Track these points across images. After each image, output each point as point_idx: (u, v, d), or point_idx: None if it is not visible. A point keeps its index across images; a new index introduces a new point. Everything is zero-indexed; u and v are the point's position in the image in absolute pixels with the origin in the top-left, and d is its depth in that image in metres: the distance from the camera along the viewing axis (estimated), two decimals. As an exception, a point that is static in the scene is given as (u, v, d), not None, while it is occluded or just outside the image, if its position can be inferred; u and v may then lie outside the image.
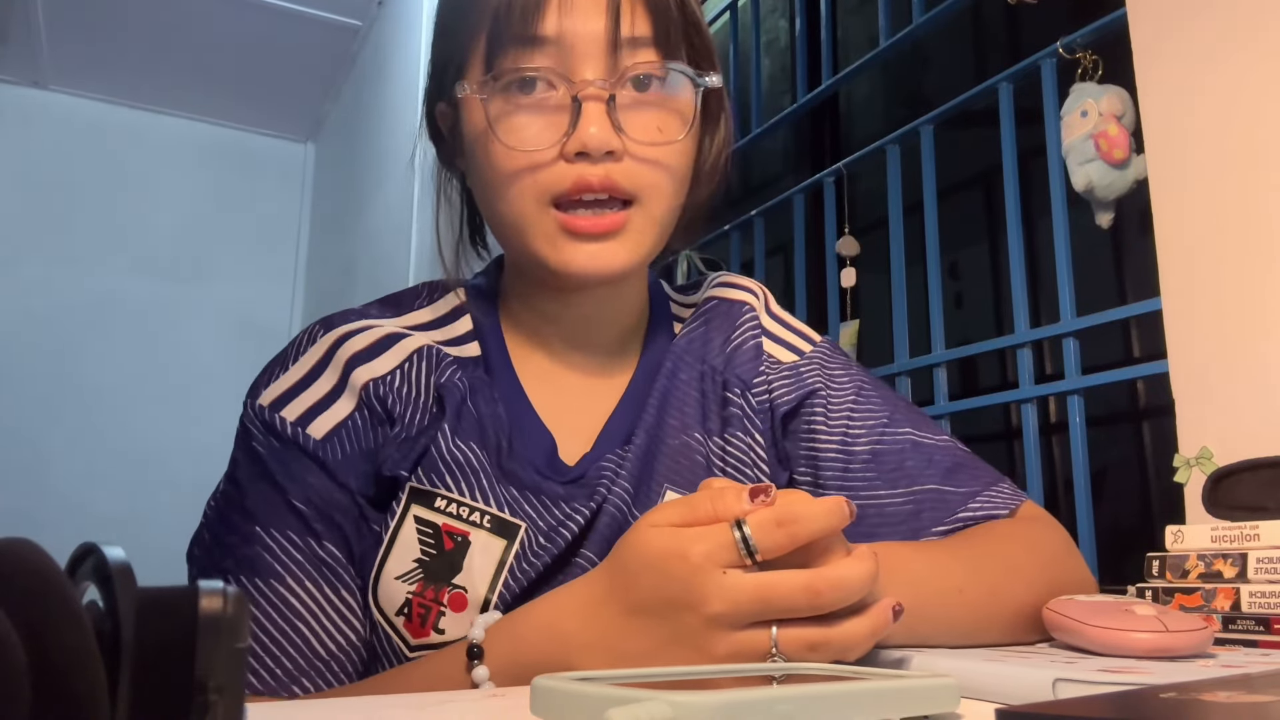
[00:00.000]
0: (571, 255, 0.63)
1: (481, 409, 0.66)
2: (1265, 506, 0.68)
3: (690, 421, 0.71)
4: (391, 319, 0.70)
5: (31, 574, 0.19)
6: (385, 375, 0.66)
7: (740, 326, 0.76)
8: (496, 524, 0.62)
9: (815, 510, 0.45)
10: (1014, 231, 1.35)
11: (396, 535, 0.62)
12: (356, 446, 0.64)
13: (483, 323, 0.72)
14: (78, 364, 3.54)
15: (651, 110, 0.64)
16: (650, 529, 0.47)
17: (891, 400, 0.75)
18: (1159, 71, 1.05)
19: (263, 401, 0.65)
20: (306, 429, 0.64)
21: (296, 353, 0.68)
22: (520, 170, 0.63)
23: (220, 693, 0.20)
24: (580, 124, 0.61)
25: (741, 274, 0.82)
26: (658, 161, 0.64)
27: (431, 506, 0.62)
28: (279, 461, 0.63)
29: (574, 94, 0.62)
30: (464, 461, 0.63)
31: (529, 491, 0.64)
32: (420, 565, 0.61)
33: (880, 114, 1.82)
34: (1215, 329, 0.96)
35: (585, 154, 0.61)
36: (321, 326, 0.69)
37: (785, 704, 0.31)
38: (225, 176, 3.91)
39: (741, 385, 0.73)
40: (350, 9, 3.21)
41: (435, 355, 0.67)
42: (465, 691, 0.49)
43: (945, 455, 0.71)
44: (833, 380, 0.74)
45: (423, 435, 0.64)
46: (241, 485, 0.64)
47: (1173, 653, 0.50)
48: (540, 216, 0.63)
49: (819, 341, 0.78)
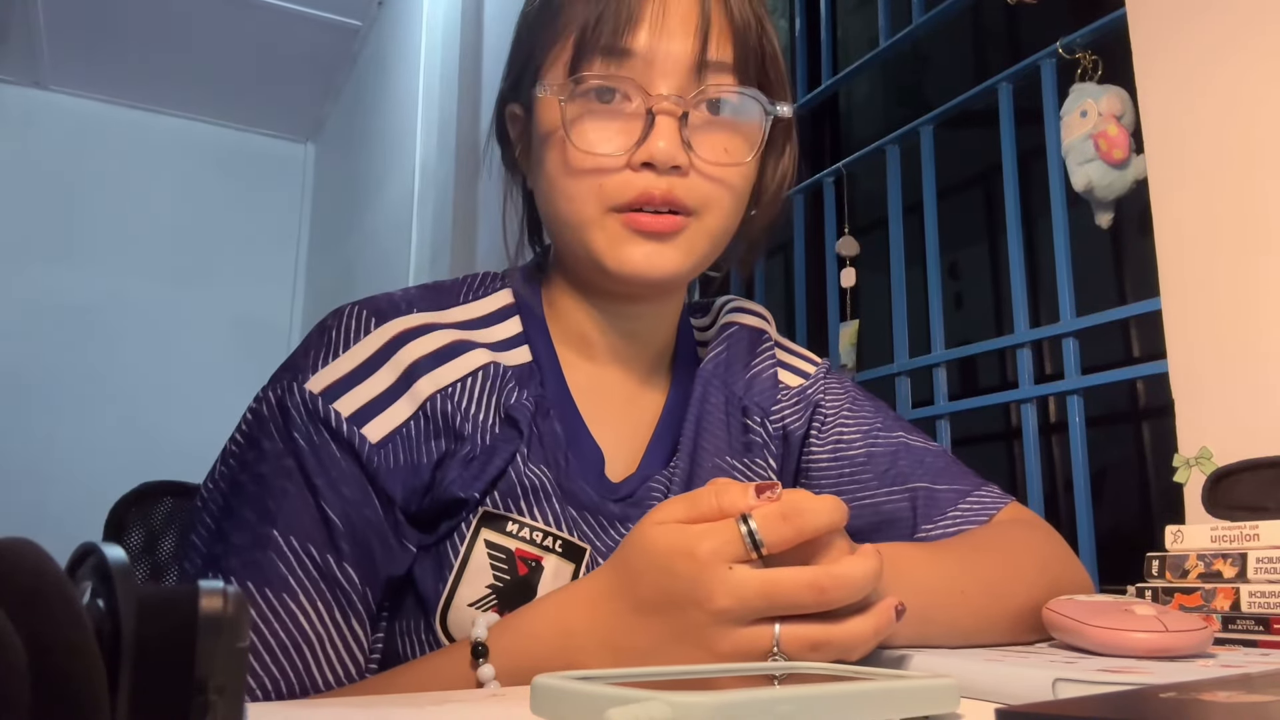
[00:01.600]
0: (629, 253, 0.64)
1: (541, 427, 0.65)
2: (1265, 506, 0.68)
3: (721, 445, 0.72)
4: (439, 311, 0.68)
5: (31, 574, 0.19)
6: (449, 386, 0.63)
7: (760, 354, 0.79)
8: (566, 548, 0.62)
9: (820, 505, 0.46)
10: (1014, 231, 1.35)
11: (468, 561, 0.60)
12: (411, 458, 0.60)
13: (530, 326, 0.71)
14: (78, 364, 3.54)
15: (721, 132, 0.66)
16: (656, 526, 0.47)
17: (883, 409, 0.79)
18: (1159, 71, 1.05)
19: (313, 388, 0.60)
20: (362, 429, 0.59)
21: (345, 340, 0.63)
22: (587, 172, 0.64)
23: (220, 693, 0.20)
24: (651, 136, 0.63)
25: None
26: (720, 180, 0.65)
27: (504, 531, 0.61)
28: (320, 461, 0.58)
29: (649, 106, 0.63)
30: (537, 485, 0.62)
31: (588, 512, 0.64)
32: (494, 591, 0.60)
33: (880, 114, 1.82)
34: (1214, 329, 0.96)
35: (651, 166, 0.63)
36: (371, 315, 0.64)
37: (785, 704, 0.31)
38: (225, 176, 3.91)
39: (761, 413, 0.75)
40: (350, 9, 3.21)
41: (499, 371, 0.66)
42: (465, 691, 0.49)
43: (935, 458, 0.74)
44: (829, 393, 0.79)
45: (495, 456, 0.62)
46: (265, 480, 0.58)
47: (1172, 653, 0.50)
48: (601, 219, 0.64)
49: (819, 363, 0.82)
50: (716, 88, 0.65)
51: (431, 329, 0.65)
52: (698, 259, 0.66)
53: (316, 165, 4.11)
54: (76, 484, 3.37)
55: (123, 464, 3.44)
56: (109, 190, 3.70)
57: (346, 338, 0.63)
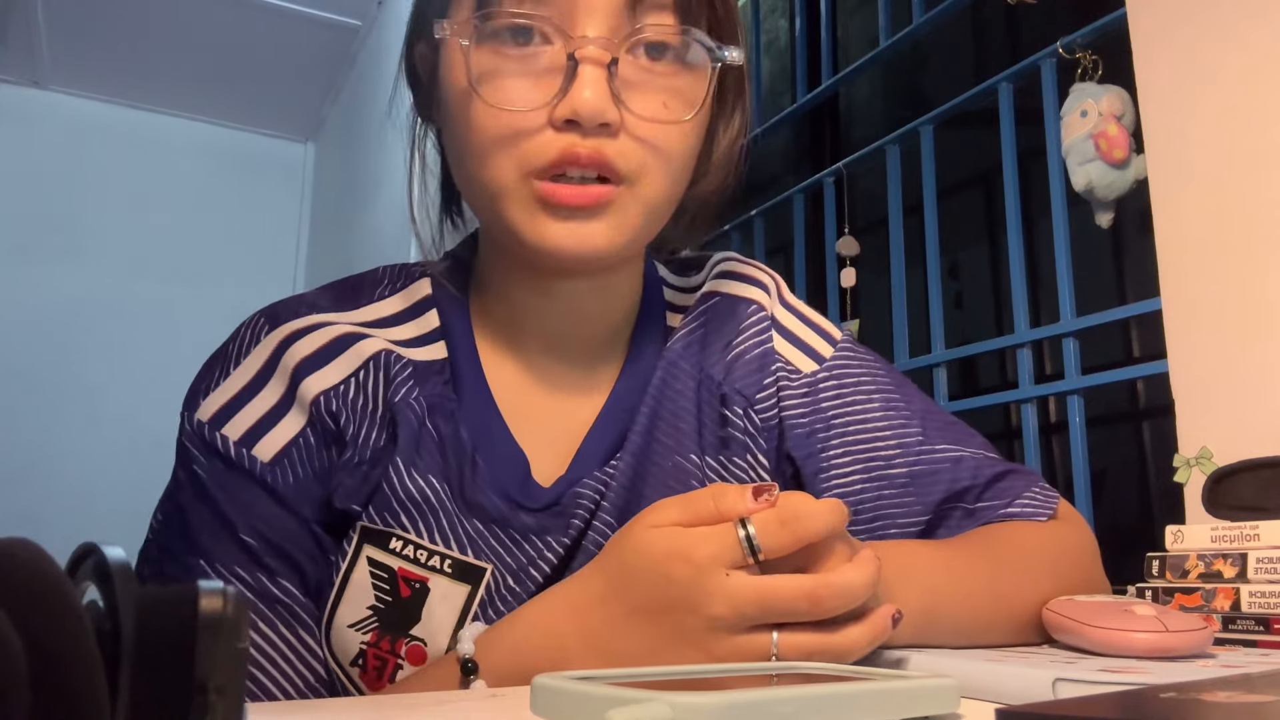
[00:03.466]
0: (547, 229, 0.55)
1: (442, 430, 0.59)
2: (1265, 506, 0.68)
3: (686, 440, 0.63)
4: (348, 311, 0.62)
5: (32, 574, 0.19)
6: (337, 385, 0.58)
7: (745, 330, 0.68)
8: (458, 568, 0.56)
9: (818, 509, 0.45)
10: (1014, 231, 1.35)
11: (349, 579, 0.56)
12: (309, 469, 0.57)
13: (450, 318, 0.64)
14: (78, 363, 3.54)
15: (659, 83, 0.56)
16: (651, 530, 0.46)
17: (920, 409, 0.68)
18: (1159, 71, 1.05)
19: (201, 416, 0.58)
20: (252, 450, 0.57)
21: (238, 353, 0.60)
22: (502, 133, 0.55)
23: (220, 693, 0.20)
24: (574, 88, 0.53)
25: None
26: (658, 141, 0.56)
27: (386, 548, 0.56)
28: (222, 488, 0.56)
29: (571, 50, 0.54)
30: (420, 498, 0.56)
31: (495, 525, 0.58)
32: (375, 614, 0.55)
33: (880, 114, 1.82)
34: (1215, 329, 0.96)
35: (575, 122, 0.54)
36: (266, 320, 0.60)
37: (786, 704, 0.31)
38: (225, 176, 3.91)
39: (744, 401, 0.65)
40: (350, 9, 3.21)
41: (392, 361, 0.60)
42: (465, 691, 0.49)
43: (982, 467, 0.65)
44: (853, 389, 0.67)
45: (376, 465, 0.57)
46: (184, 510, 0.56)
47: (1173, 653, 0.50)
48: (519, 186, 0.55)
49: (839, 340, 0.69)
50: (654, 28, 0.55)
51: (321, 326, 0.60)
52: (631, 234, 0.57)
53: (316, 165, 4.11)
54: (76, 484, 3.37)
55: (122, 464, 3.45)
56: (109, 190, 3.69)
57: (239, 351, 0.60)
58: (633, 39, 0.55)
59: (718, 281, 0.70)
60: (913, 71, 1.74)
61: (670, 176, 0.58)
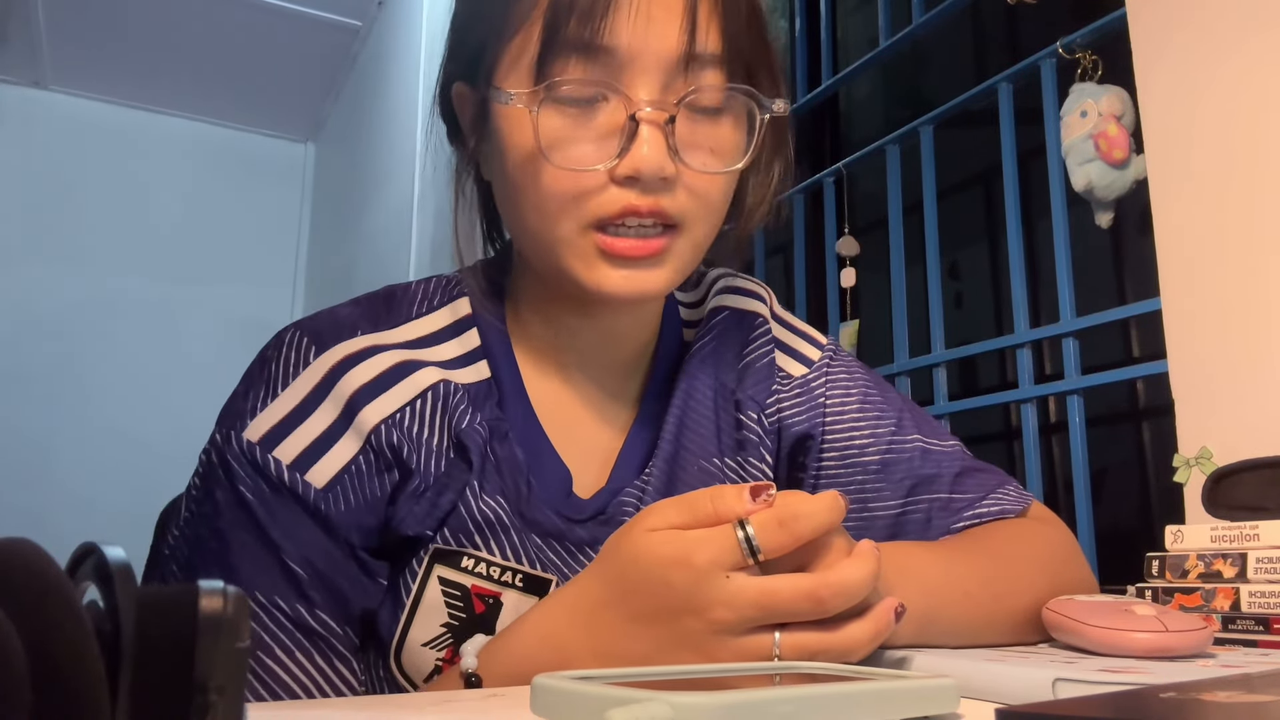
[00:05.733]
0: (606, 277, 0.58)
1: (499, 452, 0.61)
2: (1265, 506, 0.68)
3: (708, 444, 0.67)
4: (386, 330, 0.63)
5: (32, 574, 0.19)
6: (395, 414, 0.59)
7: (754, 341, 0.73)
8: (528, 581, 0.58)
9: (815, 507, 0.45)
10: (1014, 231, 1.35)
11: (420, 599, 0.57)
12: (361, 497, 0.57)
13: (491, 338, 0.65)
14: (78, 363, 3.54)
15: (708, 135, 0.59)
16: (650, 534, 0.46)
17: (896, 404, 0.73)
18: (1159, 71, 1.05)
19: (251, 436, 0.57)
20: (305, 475, 0.56)
21: (284, 374, 0.59)
22: (568, 192, 0.57)
23: (220, 693, 0.20)
24: (634, 147, 0.56)
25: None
26: (707, 190, 0.59)
27: (458, 567, 0.58)
28: (271, 513, 0.56)
29: (631, 112, 0.56)
30: (493, 518, 0.58)
31: (553, 539, 0.60)
32: (449, 630, 0.57)
33: (880, 114, 1.82)
34: (1215, 329, 0.96)
35: (636, 179, 0.56)
36: (311, 341, 0.61)
37: (786, 704, 0.31)
38: (225, 177, 3.91)
39: (756, 407, 0.70)
40: (350, 9, 3.21)
41: (451, 391, 0.61)
42: (465, 691, 0.49)
43: (953, 461, 0.70)
44: (836, 386, 0.72)
45: (446, 490, 0.58)
46: (224, 537, 0.55)
47: (1172, 653, 0.50)
48: (579, 239, 0.58)
49: (825, 345, 0.75)
50: (706, 90, 0.58)
51: (374, 352, 0.60)
52: (683, 274, 0.62)
53: (316, 165, 4.11)
54: (76, 484, 3.37)
55: (122, 464, 3.45)
56: (109, 190, 3.69)
57: (286, 372, 0.59)
58: (687, 98, 0.57)
59: (722, 297, 0.75)
60: (913, 71, 1.74)
61: (715, 219, 0.62)
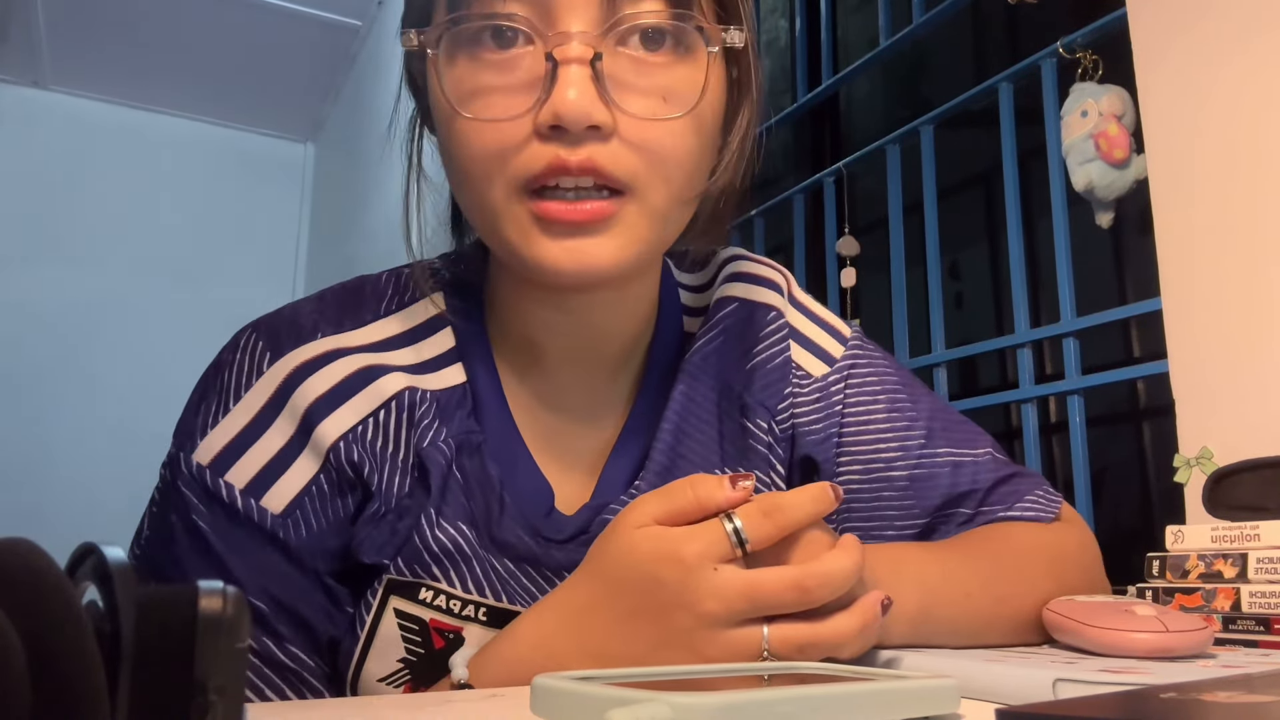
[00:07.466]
0: (545, 249, 0.50)
1: (468, 469, 0.55)
2: (1265, 506, 0.68)
3: (709, 453, 0.61)
4: (351, 330, 0.57)
5: (32, 574, 0.19)
6: (356, 427, 0.54)
7: (765, 338, 0.65)
8: (492, 615, 0.53)
9: (800, 498, 0.45)
10: (1014, 231, 1.35)
11: (375, 632, 0.53)
12: (324, 520, 0.53)
13: (467, 337, 0.59)
14: (79, 363, 3.54)
15: (655, 78, 0.50)
16: (635, 531, 0.45)
17: (926, 410, 0.66)
18: (1159, 71, 1.05)
19: (201, 459, 0.52)
20: (261, 500, 0.52)
21: (237, 385, 0.54)
22: (486, 148, 0.50)
23: (220, 693, 0.20)
24: (555, 90, 0.48)
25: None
26: (659, 141, 0.50)
27: (415, 599, 0.53)
28: (227, 544, 0.51)
29: (549, 50, 0.48)
30: (452, 547, 0.53)
31: (526, 563, 0.55)
32: (406, 666, 0.53)
33: (880, 114, 1.82)
34: (1215, 329, 0.96)
35: (562, 129, 0.48)
36: (266, 346, 0.55)
37: (785, 704, 0.31)
38: (225, 176, 3.91)
39: (766, 414, 0.63)
40: (350, 9, 3.21)
41: (417, 401, 0.55)
42: (465, 691, 0.49)
43: (984, 472, 0.65)
44: (859, 390, 0.65)
45: (404, 516, 0.53)
46: (182, 565, 0.51)
47: (1173, 653, 0.50)
48: (511, 205, 0.51)
49: (849, 338, 0.67)
50: (640, 15, 0.49)
51: (333, 358, 0.55)
52: (640, 248, 0.52)
53: (316, 165, 4.11)
54: (76, 484, 3.37)
55: (122, 464, 3.45)
56: (109, 190, 3.70)
57: (239, 382, 0.54)
58: (616, 30, 0.49)
59: (731, 285, 0.67)
60: (913, 71, 1.74)
61: (676, 180, 0.52)
